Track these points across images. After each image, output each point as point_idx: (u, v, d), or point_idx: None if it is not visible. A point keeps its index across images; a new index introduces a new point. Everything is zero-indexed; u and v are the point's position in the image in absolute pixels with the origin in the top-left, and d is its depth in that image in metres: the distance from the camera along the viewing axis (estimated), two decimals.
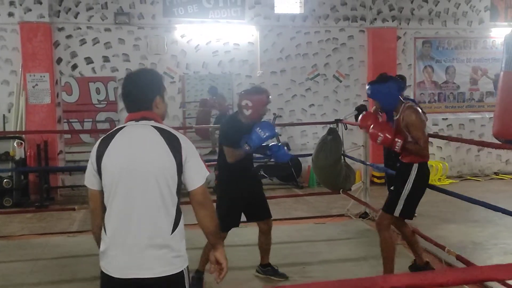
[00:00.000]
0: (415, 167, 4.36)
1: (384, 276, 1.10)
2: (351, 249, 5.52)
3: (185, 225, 2.51)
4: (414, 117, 4.26)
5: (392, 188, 4.81)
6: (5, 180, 7.83)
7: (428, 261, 4.80)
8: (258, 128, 4.24)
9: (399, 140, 4.27)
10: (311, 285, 1.14)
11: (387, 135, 4.30)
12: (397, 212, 4.41)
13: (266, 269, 4.76)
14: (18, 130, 8.33)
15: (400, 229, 4.74)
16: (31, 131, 8.29)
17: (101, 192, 2.47)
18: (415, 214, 6.81)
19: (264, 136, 4.24)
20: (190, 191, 2.48)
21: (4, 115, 8.47)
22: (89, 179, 2.50)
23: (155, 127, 2.45)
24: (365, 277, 1.09)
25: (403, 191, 4.36)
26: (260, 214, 4.68)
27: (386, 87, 4.33)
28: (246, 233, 6.05)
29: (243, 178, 4.47)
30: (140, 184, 2.38)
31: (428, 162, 4.54)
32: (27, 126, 8.37)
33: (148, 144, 2.42)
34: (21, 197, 8.06)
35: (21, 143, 8.09)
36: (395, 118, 4.44)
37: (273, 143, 4.76)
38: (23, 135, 8.26)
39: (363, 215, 6.72)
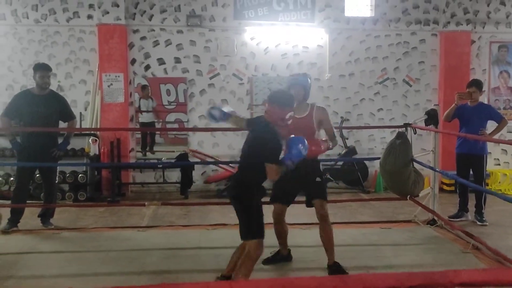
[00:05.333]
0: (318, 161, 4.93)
1: (456, 271, 1.10)
2: (418, 255, 5.39)
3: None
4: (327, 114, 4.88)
5: (318, 179, 4.91)
6: (80, 175, 8.20)
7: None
8: (299, 145, 3.83)
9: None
10: (382, 275, 1.16)
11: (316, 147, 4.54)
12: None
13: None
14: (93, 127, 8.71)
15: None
16: (105, 128, 8.63)
17: None
18: (486, 223, 6.68)
19: (304, 151, 3.83)
20: None
21: (80, 113, 8.87)
22: None
23: None
24: (436, 271, 1.09)
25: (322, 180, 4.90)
26: None
27: (308, 82, 4.82)
28: (309, 234, 6.06)
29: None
30: None
31: (502, 171, 4.44)
32: (102, 124, 8.71)
33: None
34: (95, 192, 8.41)
35: (96, 140, 8.44)
36: (300, 116, 4.66)
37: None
38: (98, 132, 8.62)
39: (431, 222, 6.55)
